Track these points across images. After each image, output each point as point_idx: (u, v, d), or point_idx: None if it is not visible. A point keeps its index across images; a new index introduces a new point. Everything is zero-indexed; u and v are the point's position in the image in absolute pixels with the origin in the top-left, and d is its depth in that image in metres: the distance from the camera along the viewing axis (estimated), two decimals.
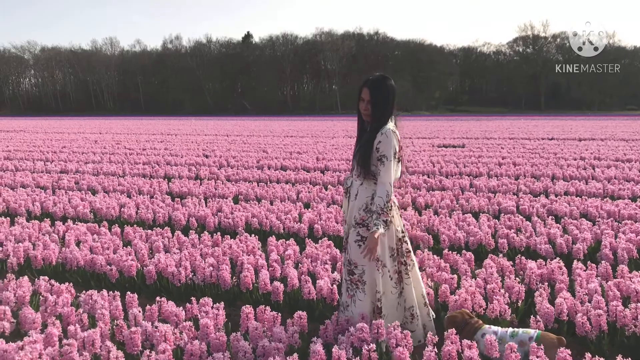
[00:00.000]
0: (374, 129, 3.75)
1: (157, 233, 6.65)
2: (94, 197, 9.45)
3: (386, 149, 3.66)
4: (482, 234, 6.36)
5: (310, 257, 5.65)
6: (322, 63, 79.88)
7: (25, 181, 11.20)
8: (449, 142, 21.32)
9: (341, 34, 79.49)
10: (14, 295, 4.62)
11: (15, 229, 6.93)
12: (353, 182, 3.91)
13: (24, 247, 6.03)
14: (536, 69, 78.98)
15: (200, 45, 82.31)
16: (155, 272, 5.31)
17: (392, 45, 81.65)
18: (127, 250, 5.83)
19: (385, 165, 3.66)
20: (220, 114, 67.05)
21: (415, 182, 10.61)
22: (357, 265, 3.84)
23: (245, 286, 5.02)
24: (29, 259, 5.93)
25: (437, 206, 8.42)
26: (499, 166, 12.93)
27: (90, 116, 63.48)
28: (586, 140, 21.58)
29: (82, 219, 8.04)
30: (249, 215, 7.63)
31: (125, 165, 13.83)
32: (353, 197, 3.87)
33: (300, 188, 9.98)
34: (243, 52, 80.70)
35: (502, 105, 77.00)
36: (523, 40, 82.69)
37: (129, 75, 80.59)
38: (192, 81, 77.05)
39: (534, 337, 3.57)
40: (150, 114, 69.61)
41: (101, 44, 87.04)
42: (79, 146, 19.59)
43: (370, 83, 3.78)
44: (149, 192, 10.04)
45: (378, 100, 3.75)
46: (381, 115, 3.75)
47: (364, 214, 3.77)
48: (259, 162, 14.34)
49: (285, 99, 79.73)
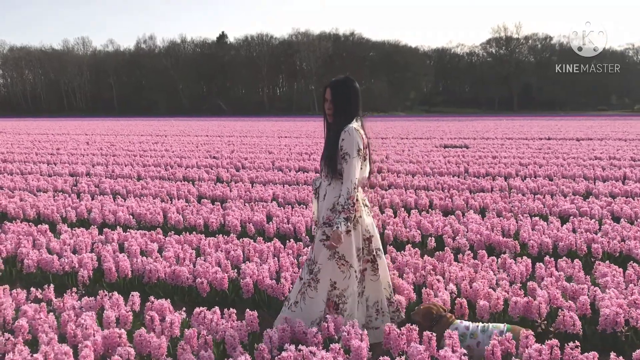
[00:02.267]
0: (337, 129, 3.79)
1: (227, 240, 6.19)
2: (126, 202, 8.87)
3: (349, 147, 3.68)
4: (572, 239, 6.07)
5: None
6: (299, 63, 79.53)
7: (41, 185, 10.54)
8: (447, 142, 21.16)
9: (317, 34, 79.35)
10: (113, 315, 4.13)
11: (66, 237, 6.38)
12: (322, 183, 3.93)
13: (89, 257, 5.52)
14: (509, 70, 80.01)
15: (175, 45, 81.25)
16: (252, 284, 4.87)
17: (367, 46, 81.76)
18: (204, 260, 5.38)
19: (347, 162, 3.68)
20: (195, 115, 66.02)
21: (451, 183, 10.32)
22: (315, 263, 3.84)
23: None
24: (97, 271, 5.44)
25: (505, 208, 8.06)
26: (525, 167, 12.71)
27: (63, 117, 61.79)
28: (584, 140, 21.65)
29: (126, 226, 7.50)
30: (308, 220, 7.22)
31: (137, 167, 13.21)
32: (322, 197, 3.89)
33: None
34: (218, 52, 79.79)
35: (475, 106, 77.87)
36: (496, 42, 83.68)
37: (102, 76, 78.90)
38: (166, 81, 75.85)
39: (504, 331, 3.62)
40: (124, 114, 68.20)
41: (73, 44, 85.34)
42: (74, 148, 18.80)
43: (332, 83, 3.84)
44: (179, 196, 9.53)
45: (339, 100, 3.80)
46: (343, 114, 3.80)
47: (330, 213, 3.75)
48: (274, 163, 13.90)
49: (262, 100, 79.11)
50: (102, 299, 4.38)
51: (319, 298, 3.84)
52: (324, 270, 3.81)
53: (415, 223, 6.96)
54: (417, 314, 3.94)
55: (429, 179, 10.88)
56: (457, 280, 4.86)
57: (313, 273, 3.85)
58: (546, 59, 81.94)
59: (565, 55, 79.30)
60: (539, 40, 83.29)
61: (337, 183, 3.78)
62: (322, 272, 3.82)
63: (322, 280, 3.82)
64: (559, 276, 4.88)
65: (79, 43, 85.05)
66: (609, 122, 39.13)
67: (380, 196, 9.00)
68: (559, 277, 4.85)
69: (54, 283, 5.39)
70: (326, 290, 3.83)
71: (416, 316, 3.93)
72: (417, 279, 5.00)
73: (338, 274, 3.80)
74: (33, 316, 4.08)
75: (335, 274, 3.80)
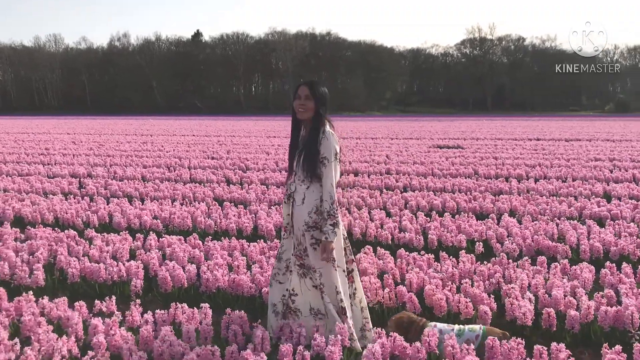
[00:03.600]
0: (313, 131, 3.76)
1: (271, 247, 5.97)
2: (145, 205, 8.57)
3: (327, 151, 3.68)
4: (623, 243, 6.02)
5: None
6: (275, 62, 79.07)
7: (47, 187, 10.14)
8: (438, 142, 21.18)
9: (294, 33, 78.99)
10: (193, 329, 3.91)
11: (101, 244, 6.09)
12: (297, 187, 3.84)
13: (136, 265, 5.27)
14: (483, 70, 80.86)
15: (149, 43, 79.89)
16: None
17: (344, 45, 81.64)
18: (259, 267, 5.18)
19: (326, 167, 3.68)
20: (171, 113, 65.06)
21: (469, 185, 10.26)
22: (315, 270, 3.79)
23: None
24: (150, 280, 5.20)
25: (535, 211, 7.98)
26: (532, 168, 12.72)
27: (35, 115, 60.19)
28: (572, 141, 21.86)
29: (154, 230, 7.21)
30: (349, 224, 7.05)
31: (139, 169, 12.85)
32: (299, 202, 3.80)
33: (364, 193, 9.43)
34: (193, 51, 78.78)
35: (450, 106, 78.48)
36: (470, 43, 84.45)
37: (74, 73, 77.02)
38: (140, 79, 74.58)
39: (480, 335, 3.66)
40: (97, 112, 66.71)
41: (44, 41, 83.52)
42: (63, 148, 18.25)
43: (311, 82, 3.83)
44: (196, 198, 9.26)
45: (320, 99, 3.78)
46: (322, 115, 3.78)
47: (316, 216, 3.74)
48: (277, 164, 13.66)
49: (239, 98, 78.38)
50: (174, 312, 4.15)
51: (332, 305, 3.81)
52: (325, 275, 3.79)
53: (456, 228, 6.85)
54: (391, 327, 3.92)
55: (444, 180, 10.80)
56: (531, 288, 4.75)
57: (318, 279, 3.79)
58: (519, 60, 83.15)
59: (538, 56, 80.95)
60: (512, 42, 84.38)
61: (317, 186, 3.76)
62: (324, 277, 3.79)
63: (327, 286, 3.81)
64: (630, 283, 4.80)
65: (51, 40, 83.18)
66: (587, 122, 39.71)
67: (404, 199, 8.87)
68: (631, 284, 4.78)
69: (99, 293, 5.16)
70: (333, 294, 3.81)
71: (390, 328, 3.89)
72: (487, 288, 4.87)
73: (336, 277, 3.80)
74: (107, 331, 3.83)
75: (334, 277, 3.79)
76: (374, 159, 14.63)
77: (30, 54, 77.87)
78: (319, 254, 3.73)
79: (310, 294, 3.88)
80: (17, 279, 5.19)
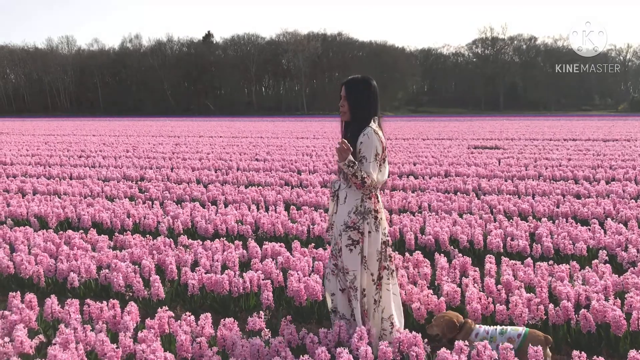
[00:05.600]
0: (355, 130, 3.69)
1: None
2: (228, 209, 8.23)
3: (366, 151, 3.61)
4: None
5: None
6: (287, 63, 78.77)
7: (107, 191, 9.83)
8: (471, 142, 20.83)
9: (305, 34, 78.65)
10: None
11: (201, 250, 5.76)
12: (341, 185, 3.79)
13: (257, 275, 4.95)
14: (495, 70, 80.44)
15: (161, 44, 79.75)
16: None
17: (355, 46, 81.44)
18: None
19: (364, 165, 3.60)
20: (183, 115, 64.99)
21: (545, 188, 9.90)
22: (348, 272, 3.73)
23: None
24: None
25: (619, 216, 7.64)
26: (594, 169, 12.37)
27: (48, 117, 60.09)
28: (610, 141, 21.44)
29: (242, 236, 6.89)
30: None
31: (189, 171, 12.54)
32: (342, 200, 3.75)
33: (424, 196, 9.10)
34: (205, 52, 78.58)
35: (461, 106, 78.21)
36: (482, 42, 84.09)
37: (87, 75, 77.06)
38: (152, 81, 74.50)
39: (522, 334, 3.62)
40: (110, 114, 66.65)
41: (57, 43, 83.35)
42: (99, 149, 17.98)
43: (348, 81, 3.75)
44: (268, 203, 8.94)
45: (356, 99, 3.69)
46: (361, 115, 3.69)
47: (355, 216, 3.67)
48: (327, 165, 13.34)
49: (251, 100, 78.17)
50: (339, 327, 3.82)
51: (359, 308, 3.75)
52: (359, 277, 3.72)
53: (567, 234, 6.48)
54: (439, 326, 3.85)
55: (516, 183, 10.46)
56: None
57: (349, 281, 3.73)
58: (531, 60, 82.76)
59: (550, 55, 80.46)
60: (524, 41, 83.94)
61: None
62: (357, 280, 3.72)
63: (360, 288, 3.75)
64: None
65: (63, 42, 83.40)
66: (609, 122, 39.28)
67: (485, 203, 8.52)
68: None
69: (217, 306, 4.86)
70: (360, 299, 3.75)
71: (437, 328, 3.85)
72: None
73: (364, 279, 3.74)
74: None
75: (363, 279, 3.74)
76: (423, 160, 14.31)
77: (43, 56, 77.92)
78: (353, 256, 3.68)
79: (339, 297, 3.87)
80: (136, 292, 4.87)
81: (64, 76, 77.56)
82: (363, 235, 3.67)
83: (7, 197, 9.22)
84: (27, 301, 4.37)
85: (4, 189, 10.31)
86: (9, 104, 76.61)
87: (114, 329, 4.10)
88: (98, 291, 5.26)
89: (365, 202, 3.68)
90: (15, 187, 10.36)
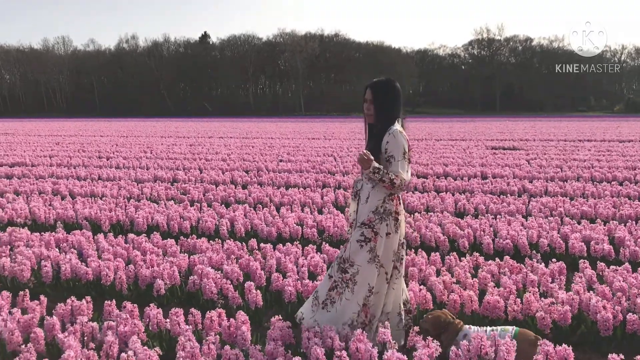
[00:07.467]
0: (380, 131, 3.74)
1: None
2: (281, 212, 8.00)
3: (394, 150, 3.67)
4: None
5: None
6: (284, 64, 78.50)
7: (147, 193, 9.58)
8: (485, 143, 20.70)
9: (303, 35, 78.43)
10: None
11: (277, 254, 5.52)
12: (364, 185, 3.82)
13: None
14: (491, 71, 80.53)
15: (158, 44, 79.25)
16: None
17: (353, 46, 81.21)
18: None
19: (392, 164, 3.65)
20: (180, 116, 64.45)
21: (590, 189, 9.74)
22: (352, 264, 3.76)
23: None
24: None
25: None
26: (633, 170, 12.24)
27: (45, 118, 59.45)
28: (626, 142, 21.35)
29: (311, 240, 6.67)
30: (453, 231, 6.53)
31: (224, 174, 12.30)
32: (364, 200, 3.78)
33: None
34: (201, 52, 78.15)
35: (458, 107, 78.19)
36: (478, 43, 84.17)
37: (83, 76, 76.51)
38: (149, 82, 73.97)
39: (512, 334, 3.59)
40: (106, 115, 66.00)
41: (53, 43, 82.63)
42: (116, 150, 17.68)
43: (373, 84, 3.82)
44: (323, 205, 8.70)
45: (381, 101, 3.76)
46: (385, 116, 3.76)
47: (373, 215, 3.71)
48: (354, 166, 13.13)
49: (248, 100, 77.81)
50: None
51: (354, 300, 3.76)
52: (363, 273, 3.74)
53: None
54: (426, 322, 3.87)
55: (562, 185, 10.29)
56: None
57: (349, 273, 3.77)
58: (527, 61, 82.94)
59: (546, 56, 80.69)
60: (520, 42, 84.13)
61: (380, 186, 3.70)
62: (360, 275, 3.74)
63: (360, 284, 3.75)
64: None
65: (59, 42, 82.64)
66: (611, 123, 39.30)
67: (543, 205, 8.34)
68: None
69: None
70: (363, 295, 3.76)
71: (425, 324, 3.85)
72: None
73: (376, 278, 3.76)
74: None
75: (374, 278, 3.76)
76: (451, 161, 14.14)
77: (39, 56, 77.26)
78: (364, 252, 3.72)
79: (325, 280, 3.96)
80: (231, 300, 4.63)
81: (59, 77, 77.00)
82: (376, 235, 3.71)
83: (47, 199, 8.94)
84: (129, 311, 4.13)
85: (39, 191, 10.01)
86: (4, 104, 75.75)
87: (229, 340, 3.86)
88: (184, 298, 5.02)
89: (386, 203, 3.72)
90: (49, 189, 10.07)
